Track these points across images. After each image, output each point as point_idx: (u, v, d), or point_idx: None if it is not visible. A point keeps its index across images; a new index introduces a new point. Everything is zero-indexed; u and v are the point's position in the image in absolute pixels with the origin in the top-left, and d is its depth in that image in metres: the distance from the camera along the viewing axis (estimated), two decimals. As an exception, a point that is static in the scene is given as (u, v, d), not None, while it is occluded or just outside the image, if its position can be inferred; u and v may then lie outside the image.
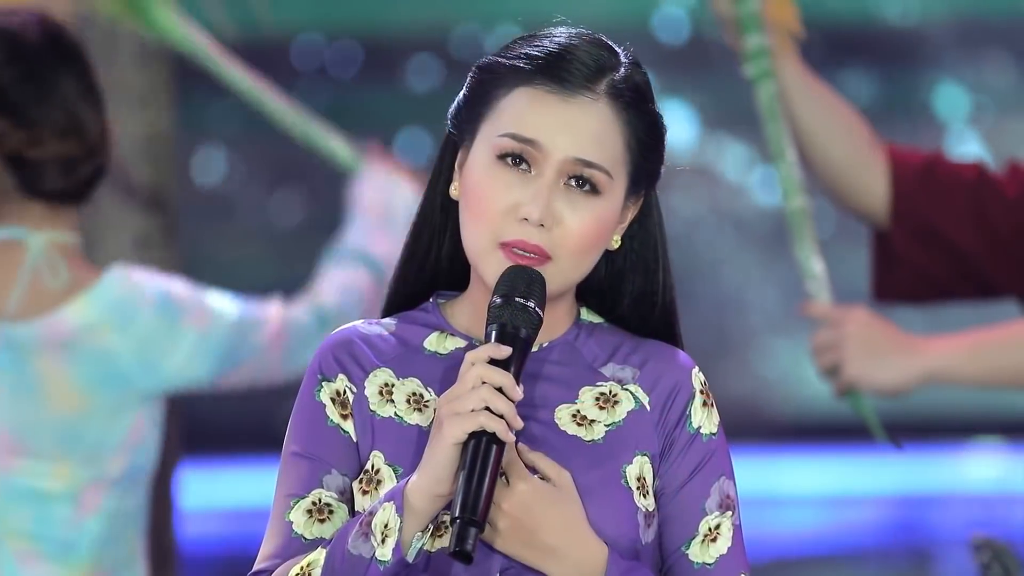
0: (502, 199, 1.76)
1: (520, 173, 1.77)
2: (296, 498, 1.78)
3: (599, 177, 1.77)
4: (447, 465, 1.69)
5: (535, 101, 1.77)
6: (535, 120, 1.77)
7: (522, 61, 1.78)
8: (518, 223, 1.76)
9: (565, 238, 1.76)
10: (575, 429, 1.79)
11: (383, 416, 1.79)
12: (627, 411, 1.80)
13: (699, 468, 1.80)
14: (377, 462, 1.78)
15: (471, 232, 1.78)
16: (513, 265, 1.75)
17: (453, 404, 1.69)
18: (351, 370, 1.80)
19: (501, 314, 1.73)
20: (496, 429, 1.67)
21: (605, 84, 1.78)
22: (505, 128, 1.77)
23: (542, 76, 1.77)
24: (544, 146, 1.76)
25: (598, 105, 1.78)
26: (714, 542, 1.79)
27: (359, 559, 1.70)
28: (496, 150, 1.77)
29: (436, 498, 1.69)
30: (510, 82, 1.78)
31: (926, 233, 3.10)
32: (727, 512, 1.80)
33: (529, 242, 1.75)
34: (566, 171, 1.77)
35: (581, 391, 1.81)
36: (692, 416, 1.81)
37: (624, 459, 1.78)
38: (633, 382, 1.81)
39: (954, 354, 3.04)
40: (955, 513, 8.11)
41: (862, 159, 3.11)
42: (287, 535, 1.77)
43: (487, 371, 1.69)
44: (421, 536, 1.70)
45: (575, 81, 1.77)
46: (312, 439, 1.79)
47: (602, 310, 1.86)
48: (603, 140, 1.78)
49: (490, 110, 1.79)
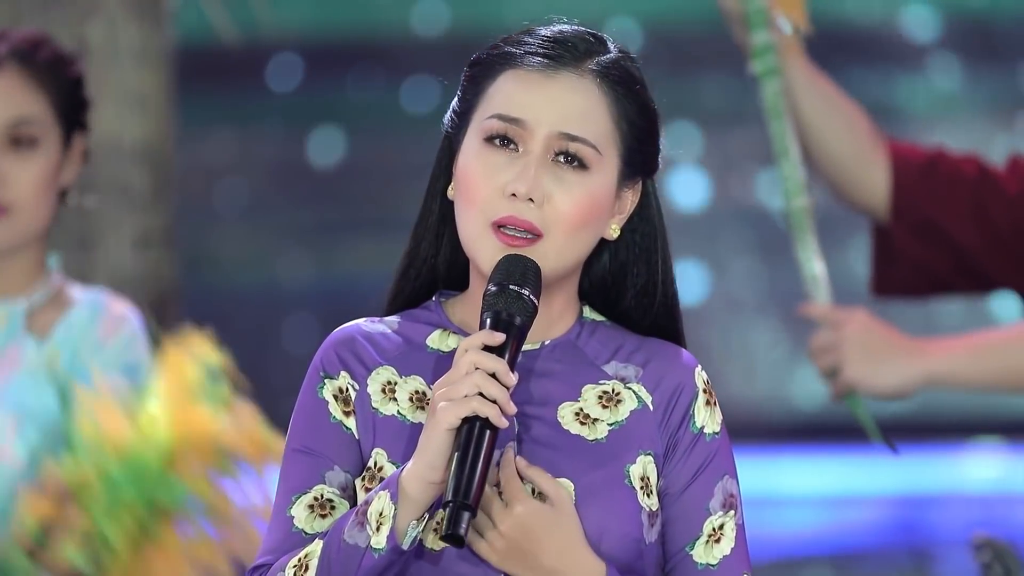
0: (491, 179, 1.76)
1: (508, 153, 1.77)
2: (298, 494, 1.78)
3: (586, 151, 1.77)
4: (441, 451, 1.68)
5: (520, 81, 1.78)
6: (520, 99, 1.77)
7: (510, 46, 1.80)
8: (507, 200, 1.76)
9: (556, 214, 1.76)
10: (578, 428, 1.79)
11: (386, 414, 1.79)
12: (630, 410, 1.80)
13: (703, 468, 1.80)
14: (380, 459, 1.78)
15: (464, 219, 1.79)
16: (508, 254, 1.75)
17: (446, 390, 1.69)
18: (353, 367, 1.80)
19: (496, 301, 1.73)
20: (489, 414, 1.67)
21: (591, 63, 1.79)
22: (492, 111, 1.78)
23: (528, 57, 1.78)
24: (528, 123, 1.77)
25: (583, 81, 1.78)
26: (718, 543, 1.80)
27: (354, 548, 1.70)
28: (483, 133, 1.78)
29: (430, 485, 1.69)
30: (497, 69, 1.80)
31: (926, 228, 3.10)
32: (730, 511, 1.80)
33: (519, 217, 1.75)
34: (552, 146, 1.77)
35: (583, 389, 1.80)
36: (695, 416, 1.81)
37: (627, 459, 1.78)
38: (636, 381, 1.81)
39: (954, 357, 3.04)
40: (955, 513, 8.11)
41: (864, 154, 3.11)
42: (288, 530, 1.77)
43: (480, 357, 1.69)
44: (416, 524, 1.70)
45: (560, 60, 1.78)
46: (314, 436, 1.79)
47: (606, 305, 1.86)
48: (588, 115, 1.78)
49: (479, 100, 1.80)
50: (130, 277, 4.83)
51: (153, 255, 4.36)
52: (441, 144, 1.86)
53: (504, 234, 1.76)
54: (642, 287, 1.84)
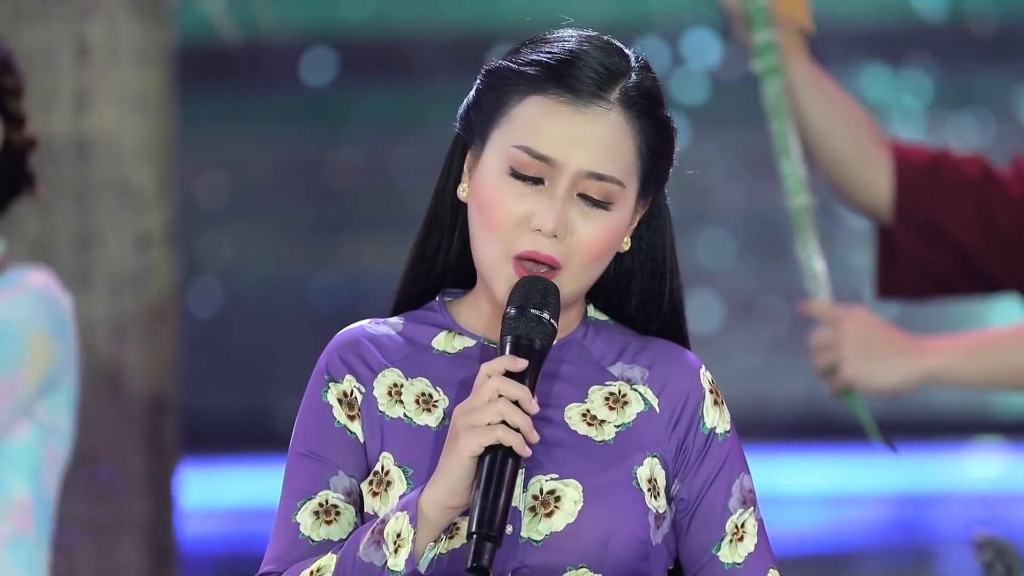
0: (515, 210, 1.75)
1: (533, 184, 1.76)
2: (303, 499, 1.77)
3: (612, 189, 1.76)
4: (463, 477, 1.68)
5: (548, 112, 1.76)
6: (548, 133, 1.75)
7: (533, 68, 1.77)
8: (531, 234, 1.75)
9: (578, 248, 1.76)
10: (585, 429, 1.78)
11: (392, 417, 1.78)
12: (636, 412, 1.79)
13: (719, 470, 1.80)
14: (387, 463, 1.77)
15: (483, 243, 1.77)
16: (527, 276, 1.74)
17: (469, 416, 1.68)
18: (359, 370, 1.79)
19: (516, 325, 1.72)
20: (513, 443, 1.66)
21: (617, 92, 1.77)
22: (519, 140, 1.76)
23: (554, 85, 1.76)
24: (558, 161, 1.75)
25: (610, 115, 1.76)
26: (741, 541, 1.80)
27: (370, 567, 1.69)
28: (509, 161, 1.76)
29: (450, 509, 1.69)
30: (522, 90, 1.77)
31: (929, 230, 3.09)
32: (749, 508, 1.81)
33: (542, 252, 1.74)
34: (579, 184, 1.76)
35: (590, 390, 1.80)
36: (705, 417, 1.81)
37: (634, 461, 1.78)
38: (642, 383, 1.81)
39: (953, 355, 3.04)
40: (955, 513, 8.11)
41: (866, 155, 3.11)
42: (294, 536, 1.76)
43: (503, 384, 1.68)
44: (434, 546, 1.69)
45: (587, 90, 1.75)
46: (318, 440, 1.78)
47: (609, 309, 1.85)
48: (615, 151, 1.76)
49: (502, 117, 1.78)
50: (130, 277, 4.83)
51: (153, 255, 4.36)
52: (452, 141, 1.84)
53: (523, 267, 1.75)
54: (647, 295, 1.83)
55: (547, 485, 1.75)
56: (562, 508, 1.74)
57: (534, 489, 1.75)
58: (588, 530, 1.74)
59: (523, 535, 1.73)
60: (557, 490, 1.75)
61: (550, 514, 1.74)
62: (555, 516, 1.74)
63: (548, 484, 1.75)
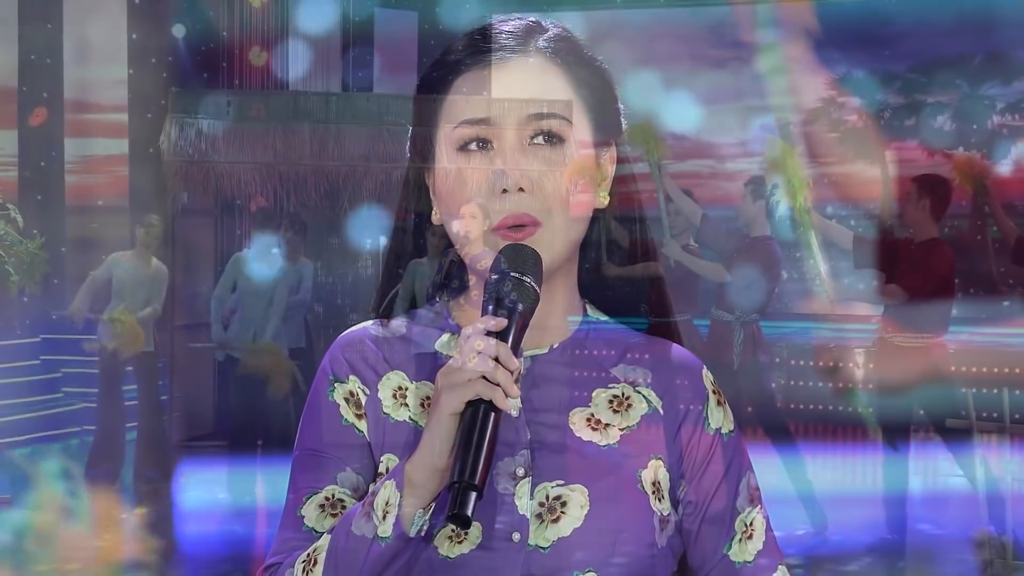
0: (474, 179, 1.74)
1: (485, 153, 1.75)
2: (309, 494, 1.77)
3: (557, 124, 1.75)
4: (446, 437, 1.64)
5: (473, 81, 1.76)
6: (478, 99, 1.75)
7: (451, 55, 1.78)
8: (499, 198, 1.73)
9: (550, 197, 1.74)
10: (590, 434, 1.77)
11: (397, 419, 1.78)
12: (641, 414, 1.79)
13: (726, 470, 1.81)
14: (391, 465, 1.76)
15: (459, 228, 1.76)
16: (508, 244, 1.72)
17: (450, 376, 1.66)
18: (363, 372, 1.79)
19: (498, 288, 1.70)
20: (493, 396, 1.63)
21: (536, 43, 1.77)
22: (455, 119, 1.75)
23: (471, 58, 1.76)
24: (495, 118, 1.74)
25: (533, 61, 1.76)
26: (750, 539, 1.81)
27: (362, 539, 1.68)
28: (455, 144, 1.75)
29: (436, 471, 1.65)
30: (448, 79, 1.77)
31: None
32: (756, 506, 1.82)
33: (517, 212, 1.73)
34: (525, 132, 1.75)
35: (594, 393, 1.80)
36: (709, 418, 1.81)
37: (639, 464, 1.77)
38: (645, 385, 1.81)
39: None
40: (955, 512, 8.12)
41: None
42: (299, 529, 1.77)
43: (482, 340, 1.66)
44: (423, 513, 1.67)
45: (504, 47, 1.76)
46: (327, 437, 1.78)
47: (593, 270, 1.84)
48: (548, 90, 1.76)
49: (438, 117, 1.78)
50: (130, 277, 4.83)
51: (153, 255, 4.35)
52: (405, 175, 1.83)
53: (506, 234, 1.73)
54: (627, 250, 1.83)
55: (553, 492, 1.74)
56: (568, 514, 1.74)
57: (540, 496, 1.74)
58: (595, 535, 1.73)
59: (530, 542, 1.73)
60: (563, 496, 1.74)
61: (556, 520, 1.73)
62: (562, 522, 1.73)
63: (554, 491, 1.74)
